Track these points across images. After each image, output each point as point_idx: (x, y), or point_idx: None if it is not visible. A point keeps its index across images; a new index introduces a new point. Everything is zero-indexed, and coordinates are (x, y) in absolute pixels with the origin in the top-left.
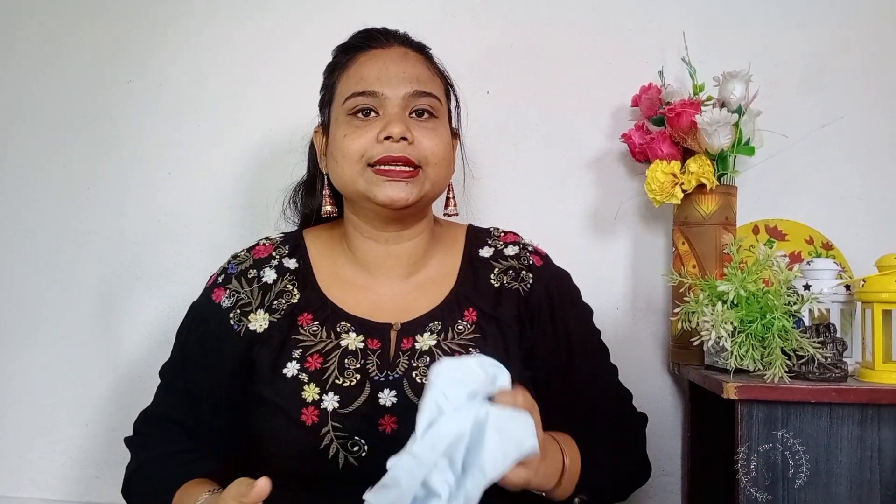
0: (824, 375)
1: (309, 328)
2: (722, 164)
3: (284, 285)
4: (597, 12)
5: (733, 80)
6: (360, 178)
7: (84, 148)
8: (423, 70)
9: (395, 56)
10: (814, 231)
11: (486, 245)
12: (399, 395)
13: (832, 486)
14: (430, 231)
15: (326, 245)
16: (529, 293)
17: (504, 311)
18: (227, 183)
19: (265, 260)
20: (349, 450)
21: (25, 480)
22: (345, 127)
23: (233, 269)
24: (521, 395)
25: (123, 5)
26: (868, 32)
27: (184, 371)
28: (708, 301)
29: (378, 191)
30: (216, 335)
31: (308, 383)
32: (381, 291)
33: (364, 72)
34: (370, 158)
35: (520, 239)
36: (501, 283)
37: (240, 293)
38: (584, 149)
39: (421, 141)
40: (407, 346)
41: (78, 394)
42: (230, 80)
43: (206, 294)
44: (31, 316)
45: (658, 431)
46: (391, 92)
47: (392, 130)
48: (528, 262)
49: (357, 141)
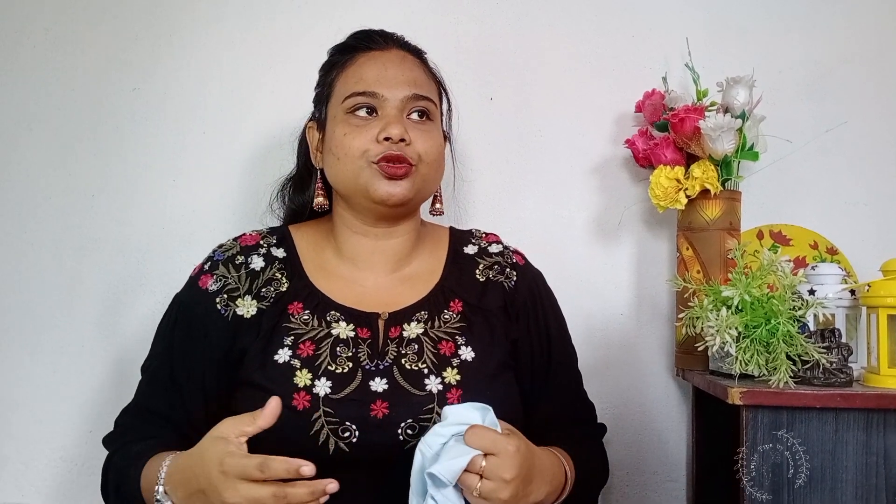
0: (829, 380)
1: (300, 317)
2: (726, 170)
3: (273, 273)
4: (600, 18)
5: (737, 85)
6: (362, 173)
7: (89, 155)
8: (420, 73)
9: (394, 58)
10: (818, 236)
11: (470, 244)
12: (390, 381)
13: (838, 492)
14: (416, 230)
15: (313, 238)
16: (515, 289)
17: (490, 301)
18: (231, 190)
19: (253, 248)
20: (339, 435)
21: (30, 488)
22: (344, 125)
23: (219, 256)
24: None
25: (128, 13)
26: (871, 38)
27: (170, 361)
28: (712, 306)
29: (377, 186)
30: (202, 321)
31: (300, 369)
32: (367, 284)
33: (363, 72)
34: (371, 156)
35: (500, 239)
36: (487, 277)
37: (227, 278)
38: (587, 155)
39: (416, 142)
40: (395, 334)
41: (82, 401)
42: (235, 88)
43: (190, 283)
44: (36, 323)
45: (663, 437)
46: (390, 94)
47: (392, 132)
48: (511, 259)
49: (357, 139)
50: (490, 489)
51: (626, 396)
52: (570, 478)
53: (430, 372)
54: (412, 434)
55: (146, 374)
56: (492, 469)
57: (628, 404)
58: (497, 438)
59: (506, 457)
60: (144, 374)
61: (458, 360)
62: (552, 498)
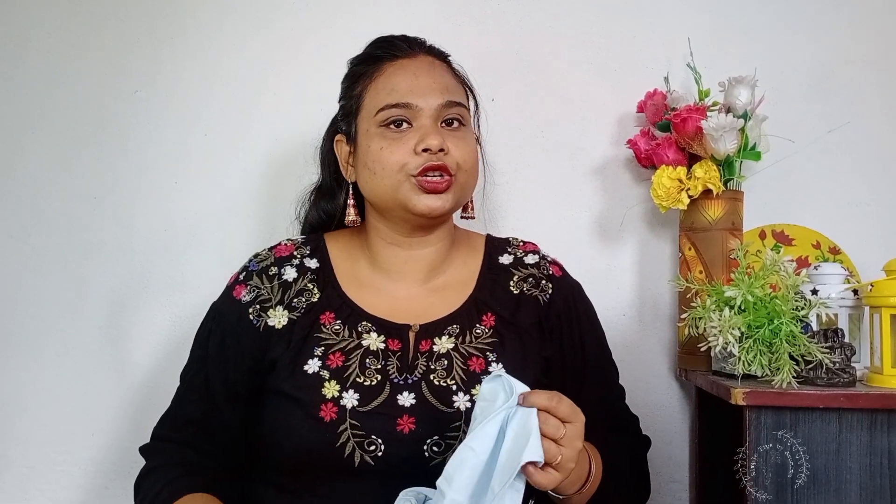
0: (833, 381)
1: (331, 327)
2: (728, 170)
3: (304, 284)
4: (602, 19)
5: (739, 85)
6: (401, 188)
7: (92, 158)
8: (450, 78)
9: (424, 66)
10: (821, 236)
11: (506, 253)
12: (417, 397)
13: (842, 493)
14: (450, 237)
15: (346, 248)
16: (549, 303)
17: (523, 317)
18: (234, 192)
19: (286, 258)
20: (365, 448)
21: (35, 491)
22: (379, 139)
23: (254, 266)
24: (555, 399)
25: (131, 16)
26: (875, 38)
27: (205, 369)
28: (715, 307)
29: (417, 201)
30: (235, 330)
31: (329, 380)
32: (398, 295)
33: (394, 83)
34: (411, 170)
35: (538, 249)
36: (521, 290)
37: (260, 289)
38: (589, 155)
39: (454, 150)
40: (425, 347)
41: (86, 404)
42: (237, 91)
43: (226, 292)
44: (40, 326)
45: (666, 438)
46: (424, 103)
47: (430, 143)
48: (547, 271)
49: (395, 153)
50: (568, 458)
51: (628, 397)
52: (596, 469)
53: (458, 389)
54: (437, 451)
55: (184, 381)
56: (569, 436)
57: (631, 405)
58: (565, 401)
59: (578, 420)
60: (182, 381)
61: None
62: (575, 486)
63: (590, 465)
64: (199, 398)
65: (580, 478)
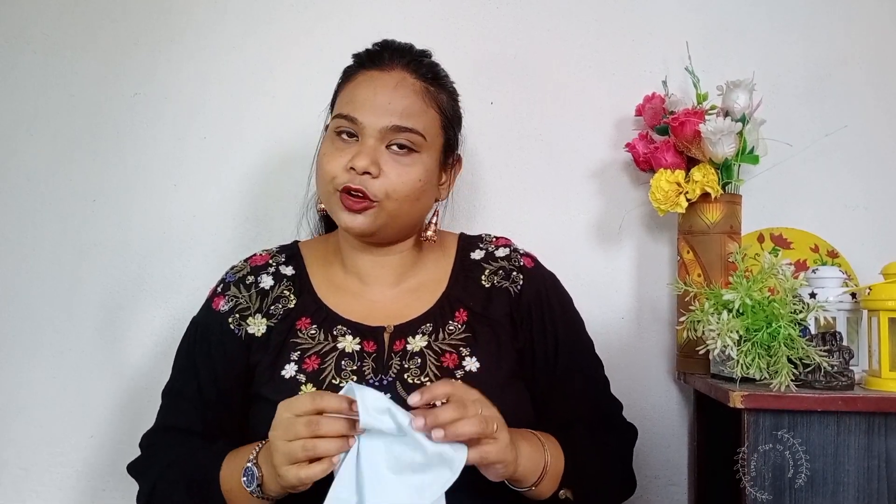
0: (831, 384)
1: (307, 332)
2: (726, 173)
3: (281, 291)
4: (600, 23)
5: (737, 89)
6: (330, 199)
7: (89, 160)
8: (414, 102)
9: (391, 83)
10: (819, 239)
11: (478, 248)
12: (393, 396)
13: (839, 496)
14: (416, 243)
15: (321, 254)
16: (520, 293)
17: (495, 310)
18: (231, 194)
19: (262, 267)
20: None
21: (30, 493)
22: (327, 144)
23: (231, 277)
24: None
25: (128, 18)
26: (871, 41)
27: (196, 379)
28: (713, 310)
29: (339, 215)
30: (221, 340)
31: (305, 383)
32: (373, 298)
33: (356, 94)
34: (337, 184)
35: (510, 243)
36: (492, 283)
37: (238, 298)
38: (587, 159)
39: (388, 175)
40: (399, 347)
41: (82, 405)
42: (235, 93)
43: (206, 305)
44: (36, 327)
45: (664, 441)
46: (370, 121)
47: (356, 163)
48: (518, 263)
49: (331, 163)
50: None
51: (627, 400)
52: (552, 459)
53: None
54: None
55: (170, 395)
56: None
57: (629, 408)
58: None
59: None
60: (167, 396)
61: (463, 372)
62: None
63: (544, 452)
64: (193, 408)
65: (536, 466)
